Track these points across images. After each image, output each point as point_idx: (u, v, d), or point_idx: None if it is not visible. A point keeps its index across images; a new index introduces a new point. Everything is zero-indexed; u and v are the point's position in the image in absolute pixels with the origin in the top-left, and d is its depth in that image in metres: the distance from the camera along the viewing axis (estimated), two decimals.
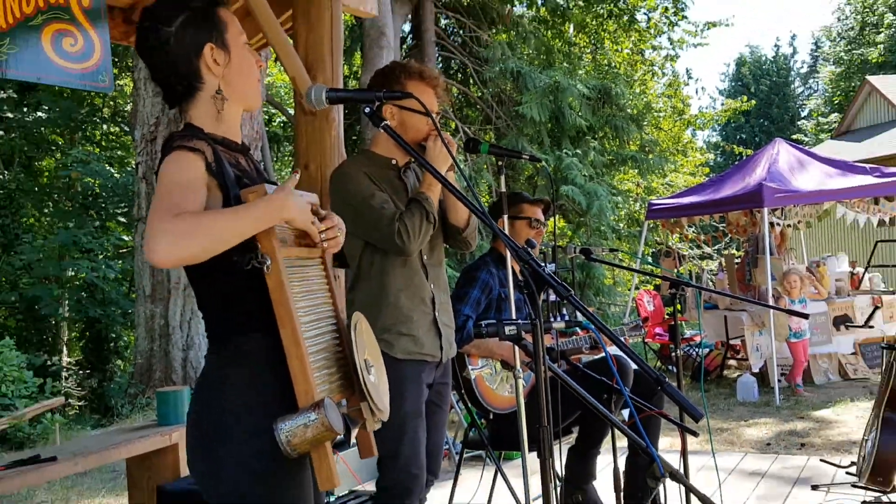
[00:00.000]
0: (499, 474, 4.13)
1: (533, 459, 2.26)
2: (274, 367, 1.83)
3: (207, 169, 1.84)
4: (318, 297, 2.03)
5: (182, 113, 2.00)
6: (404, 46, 14.32)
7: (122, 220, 14.64)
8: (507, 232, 4.06)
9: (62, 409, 10.53)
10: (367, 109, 2.16)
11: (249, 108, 2.07)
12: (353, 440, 1.99)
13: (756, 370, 8.41)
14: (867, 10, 37.06)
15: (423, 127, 2.93)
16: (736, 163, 11.47)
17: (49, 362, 13.01)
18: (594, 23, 16.16)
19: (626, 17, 16.09)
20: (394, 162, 3.03)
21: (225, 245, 1.75)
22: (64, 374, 13.59)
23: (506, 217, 3.08)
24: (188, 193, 1.78)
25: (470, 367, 3.86)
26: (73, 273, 13.24)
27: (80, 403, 12.39)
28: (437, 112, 3.09)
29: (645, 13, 16.71)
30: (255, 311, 1.86)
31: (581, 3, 15.54)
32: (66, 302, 13.54)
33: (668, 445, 5.81)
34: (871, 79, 24.72)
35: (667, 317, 10.12)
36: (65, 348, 15.17)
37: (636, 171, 15.53)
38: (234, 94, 1.99)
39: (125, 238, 14.30)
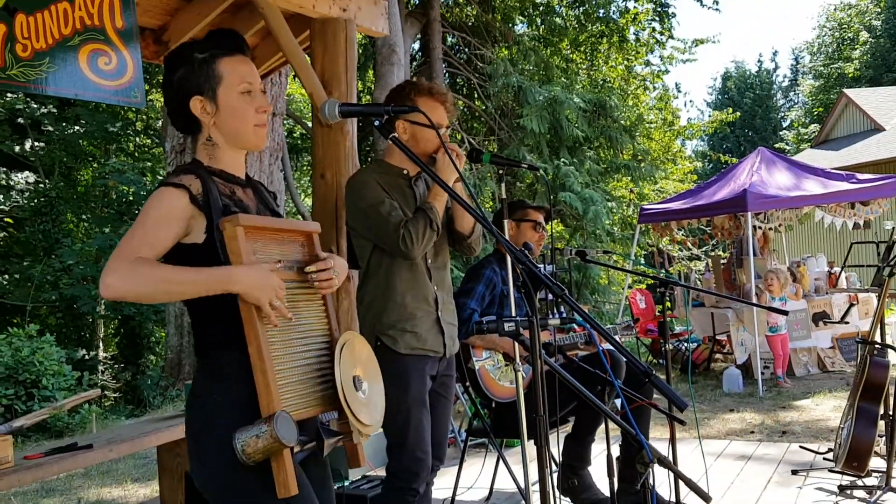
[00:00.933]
0: (500, 460, 4.13)
1: (532, 447, 2.26)
2: (248, 382, 1.85)
3: (192, 201, 1.88)
4: (307, 318, 2.03)
5: (192, 146, 2.08)
6: (414, 63, 14.32)
7: None
8: (513, 233, 4.09)
9: (98, 401, 10.58)
10: (377, 123, 2.16)
11: (248, 149, 2.07)
12: (326, 449, 1.98)
13: (741, 363, 8.39)
14: (844, 27, 36.99)
15: (433, 140, 2.93)
16: (722, 170, 11.45)
17: (86, 357, 13.06)
18: (588, 41, 16.15)
19: (616, 37, 16.07)
20: (405, 172, 3.03)
21: (168, 299, 1.83)
22: (100, 367, 13.65)
23: (506, 221, 3.08)
24: (158, 230, 1.84)
25: (474, 359, 3.87)
26: None
27: (115, 395, 12.44)
28: (447, 126, 3.09)
29: (634, 32, 16.70)
30: (231, 329, 1.88)
31: (576, 23, 15.52)
32: (103, 301, 13.58)
33: (657, 434, 5.80)
34: (848, 92, 24.67)
35: (657, 314, 10.11)
36: (101, 344, 15.22)
37: (629, 178, 15.48)
38: (226, 139, 2.02)
39: None
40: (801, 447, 5.27)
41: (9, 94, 13.11)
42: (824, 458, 4.84)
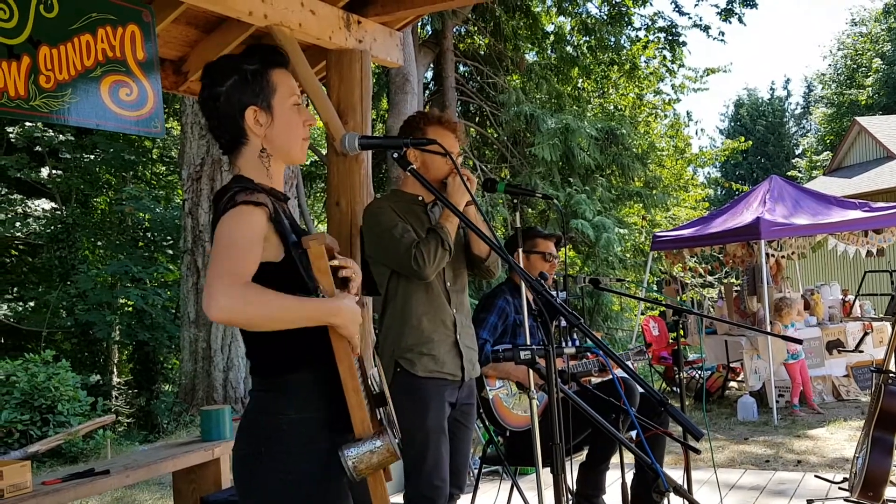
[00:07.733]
0: (515, 488, 4.12)
1: (546, 474, 2.26)
2: (320, 402, 1.84)
3: (269, 219, 1.84)
4: None
5: (231, 163, 2.02)
6: (427, 92, 14.45)
7: (170, 251, 14.79)
8: (524, 265, 4.09)
9: (113, 426, 10.60)
10: (396, 155, 2.20)
11: (292, 163, 2.06)
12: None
13: (755, 391, 8.33)
14: (857, 54, 37.06)
15: (443, 167, 3.00)
16: (735, 198, 11.45)
17: (101, 382, 13.10)
18: (599, 69, 16.25)
19: (627, 65, 16.16)
20: (420, 198, 3.09)
21: (273, 327, 1.76)
22: (114, 393, 13.68)
23: (521, 251, 3.10)
24: (249, 254, 1.77)
25: (488, 388, 3.87)
26: (124, 300, 13.37)
27: (129, 420, 12.45)
28: (458, 153, 3.15)
29: (644, 61, 16.79)
30: (305, 347, 1.85)
31: (587, 52, 15.62)
32: (118, 327, 13.64)
33: (671, 462, 5.77)
34: (861, 119, 24.66)
35: (671, 341, 10.07)
36: (115, 369, 15.26)
37: (641, 205, 15.52)
38: (276, 152, 1.99)
39: (171, 268, 14.46)
40: (816, 476, 5.23)
41: (27, 123, 13.27)
42: (839, 488, 4.80)
